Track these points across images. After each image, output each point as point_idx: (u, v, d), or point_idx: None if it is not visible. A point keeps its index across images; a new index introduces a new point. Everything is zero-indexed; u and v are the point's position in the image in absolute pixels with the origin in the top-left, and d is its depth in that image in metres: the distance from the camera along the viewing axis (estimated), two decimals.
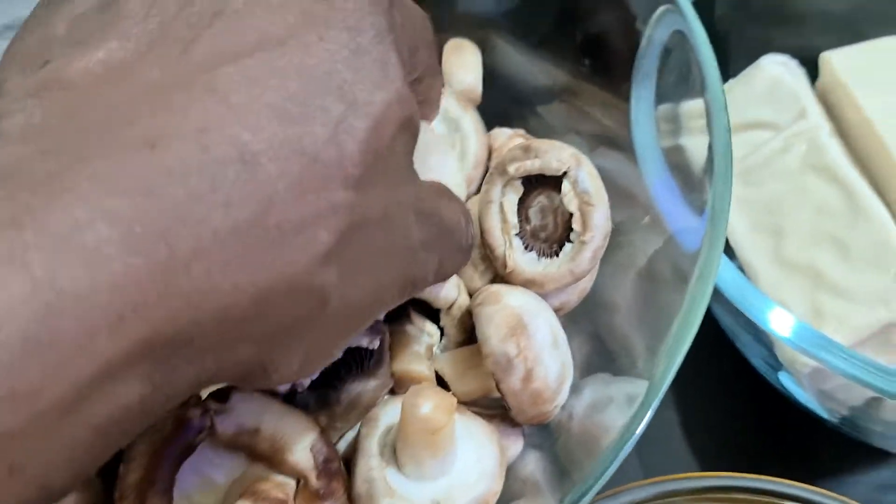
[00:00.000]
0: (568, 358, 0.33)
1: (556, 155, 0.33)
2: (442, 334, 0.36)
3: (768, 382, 0.42)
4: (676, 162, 0.39)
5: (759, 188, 0.40)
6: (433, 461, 0.29)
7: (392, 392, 0.35)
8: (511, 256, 0.34)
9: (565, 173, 0.33)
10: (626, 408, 0.32)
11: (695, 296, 0.30)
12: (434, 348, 0.36)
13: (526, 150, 0.34)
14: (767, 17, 0.47)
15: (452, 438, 0.30)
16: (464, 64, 0.43)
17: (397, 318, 0.36)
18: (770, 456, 0.45)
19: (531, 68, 0.45)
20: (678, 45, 0.39)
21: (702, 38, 0.36)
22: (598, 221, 0.33)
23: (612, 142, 0.41)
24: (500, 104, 0.44)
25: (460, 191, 0.36)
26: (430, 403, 0.29)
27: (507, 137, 0.41)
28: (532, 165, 0.34)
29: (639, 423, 0.28)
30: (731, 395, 0.47)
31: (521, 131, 0.42)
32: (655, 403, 0.28)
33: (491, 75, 0.44)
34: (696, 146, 0.41)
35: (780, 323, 0.35)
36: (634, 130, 0.39)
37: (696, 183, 0.39)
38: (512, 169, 0.34)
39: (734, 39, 0.41)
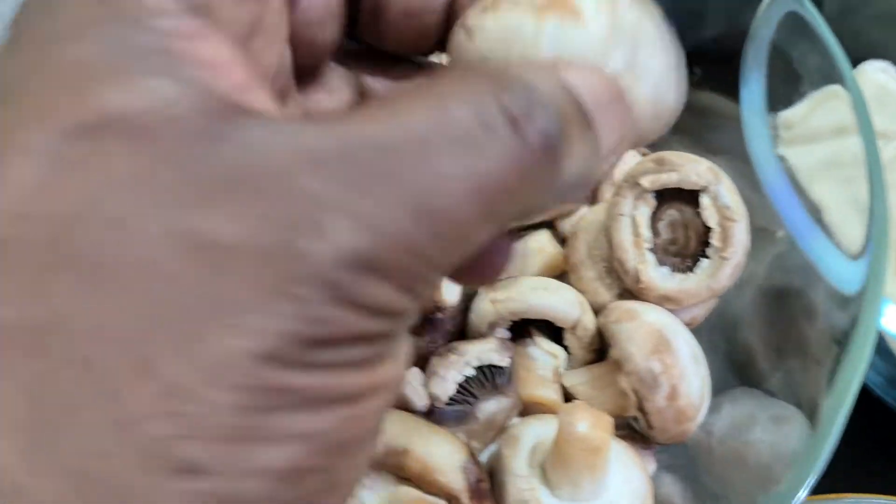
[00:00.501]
0: (707, 374, 0.33)
1: (694, 169, 0.33)
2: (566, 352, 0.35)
3: (883, 401, 0.41)
4: (785, 173, 0.38)
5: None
6: (590, 482, 0.29)
7: (520, 414, 0.34)
8: (644, 272, 0.33)
9: (704, 187, 0.33)
10: (773, 427, 0.32)
11: (861, 341, 0.29)
12: (559, 369, 0.35)
13: (659, 163, 0.33)
14: (870, 24, 0.46)
15: (609, 458, 0.29)
16: None
17: (520, 339, 0.35)
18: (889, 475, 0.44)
19: None
20: (785, 42, 0.38)
21: (821, 24, 0.35)
22: (740, 237, 0.32)
23: (710, 148, 0.41)
24: None
25: None
26: (587, 422, 0.28)
27: None
28: (668, 179, 0.33)
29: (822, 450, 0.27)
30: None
31: None
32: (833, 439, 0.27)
33: None
34: (793, 156, 0.40)
35: None
36: (749, 138, 0.38)
37: (800, 194, 0.39)
38: (646, 182, 0.33)
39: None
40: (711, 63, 0.42)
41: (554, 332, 0.35)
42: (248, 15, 0.17)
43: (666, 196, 0.34)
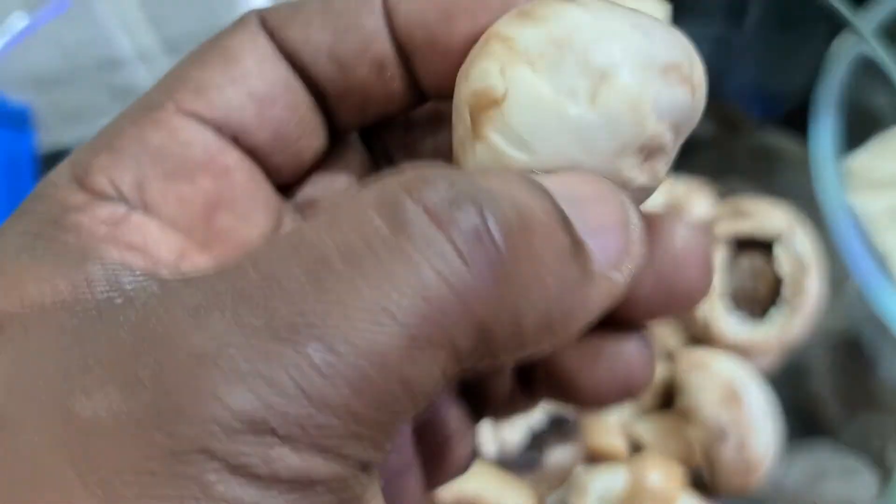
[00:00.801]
0: (777, 426, 0.32)
1: (769, 217, 0.32)
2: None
3: None
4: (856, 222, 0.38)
5: None
6: None
7: (586, 462, 0.34)
8: (715, 321, 0.33)
9: (777, 237, 0.33)
10: (844, 481, 0.32)
11: None
12: (626, 417, 0.35)
13: (735, 211, 0.33)
14: None
15: None
16: None
17: None
18: None
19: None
20: (854, 87, 0.38)
21: (892, 64, 0.35)
22: (812, 288, 0.32)
23: (777, 190, 0.41)
24: None
25: None
26: (659, 473, 0.29)
27: (687, 189, 0.40)
28: (742, 227, 0.33)
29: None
30: None
31: (698, 180, 0.41)
32: None
33: None
34: (860, 203, 0.40)
35: None
36: (819, 182, 0.38)
37: (874, 247, 0.38)
38: (721, 229, 0.33)
39: None
40: (785, 108, 0.42)
41: None
42: (198, 198, 0.16)
43: (738, 243, 0.34)
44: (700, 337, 0.34)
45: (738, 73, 0.43)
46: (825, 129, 0.39)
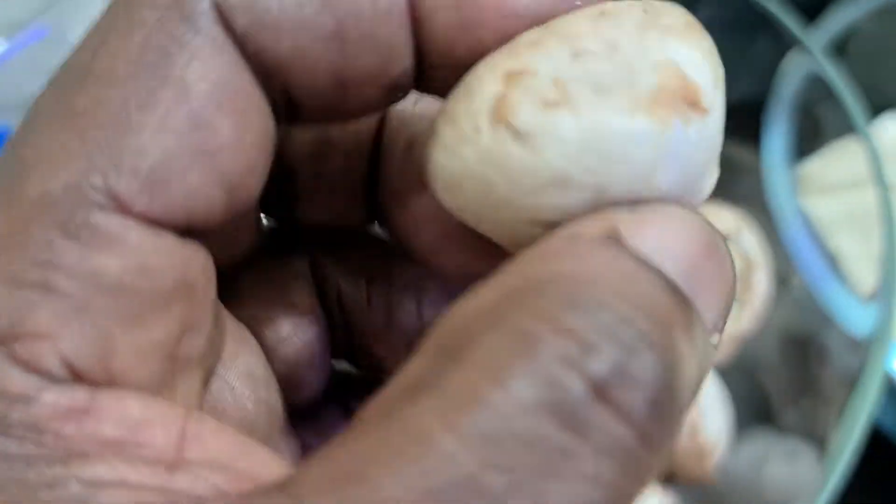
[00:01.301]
0: (728, 414, 0.34)
1: (718, 218, 0.34)
2: None
3: None
4: (805, 223, 0.40)
5: None
6: None
7: None
8: None
9: (726, 236, 0.34)
10: (786, 465, 0.33)
11: (866, 386, 0.30)
12: None
13: None
14: (882, 75, 0.48)
15: None
16: None
17: None
18: None
19: None
20: (805, 99, 0.40)
21: (841, 83, 0.37)
22: (761, 284, 0.34)
23: (731, 197, 0.43)
24: None
25: None
26: None
27: None
28: None
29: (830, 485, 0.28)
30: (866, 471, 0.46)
31: None
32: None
33: None
34: (813, 207, 0.42)
35: None
36: (770, 188, 0.40)
37: (823, 248, 0.40)
38: None
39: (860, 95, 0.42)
40: (735, 116, 0.44)
41: None
42: (169, 337, 0.11)
43: None
44: None
45: None
46: (776, 140, 0.41)
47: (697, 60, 0.12)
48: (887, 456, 0.42)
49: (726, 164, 0.40)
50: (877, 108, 0.46)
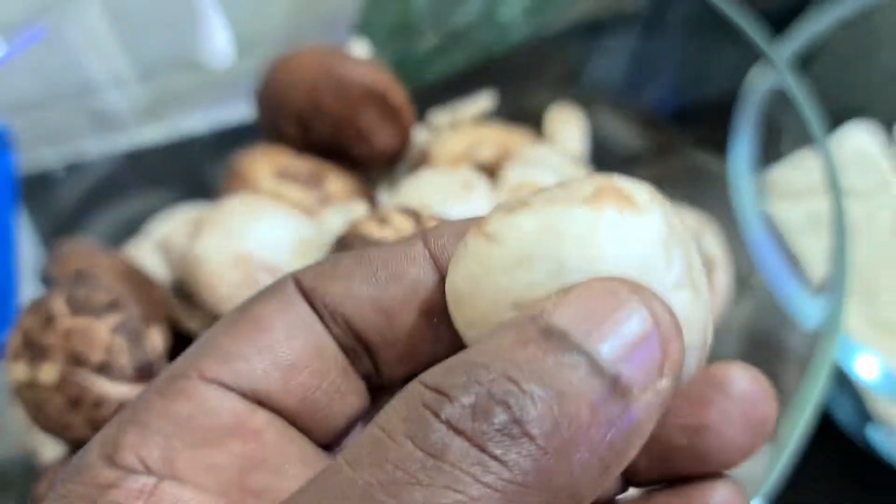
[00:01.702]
0: None
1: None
2: None
3: (853, 442, 0.44)
4: (766, 225, 0.42)
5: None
6: None
7: None
8: None
9: None
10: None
11: (815, 374, 0.32)
12: None
13: None
14: (853, 84, 0.50)
15: None
16: (569, 130, 0.46)
17: None
18: None
19: (629, 133, 0.48)
20: (773, 110, 0.42)
21: (803, 100, 0.39)
22: (720, 284, 0.36)
23: (700, 204, 0.44)
24: (598, 166, 0.47)
25: None
26: None
27: None
28: None
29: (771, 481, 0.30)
30: (815, 452, 0.48)
31: None
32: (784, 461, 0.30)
33: (592, 138, 0.47)
34: (780, 211, 0.44)
35: (875, 373, 0.37)
36: (735, 192, 0.42)
37: (784, 247, 0.42)
38: None
39: (822, 106, 0.44)
40: (707, 124, 0.46)
41: None
42: (230, 463, 0.16)
43: None
44: None
45: (657, 84, 0.47)
46: (742, 148, 0.43)
47: (631, 183, 0.16)
48: (838, 446, 0.44)
49: (696, 169, 0.42)
50: (841, 117, 0.48)
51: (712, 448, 0.17)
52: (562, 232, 0.15)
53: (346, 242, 0.35)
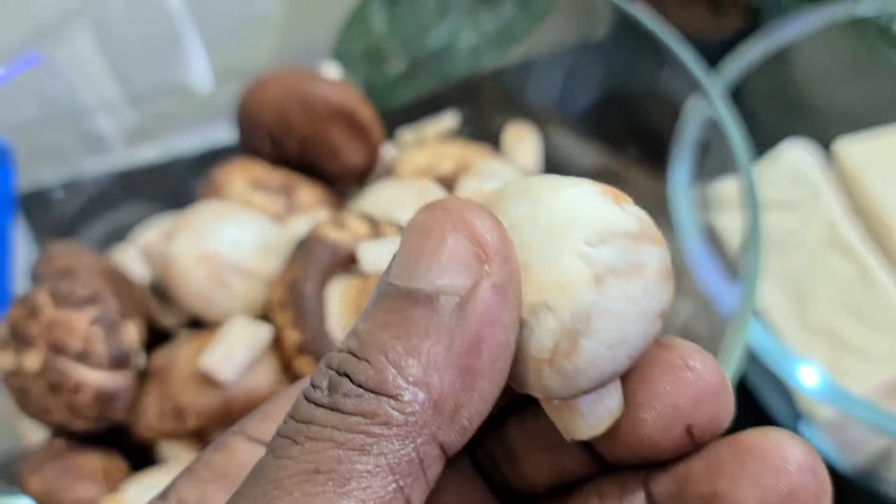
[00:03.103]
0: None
1: None
2: None
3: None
4: (709, 237, 0.45)
5: (784, 260, 0.46)
6: None
7: None
8: None
9: None
10: None
11: (730, 349, 0.35)
12: None
13: None
14: (788, 108, 0.54)
15: None
16: (524, 146, 0.49)
17: None
18: None
19: (580, 151, 0.52)
20: (710, 133, 0.45)
21: (732, 127, 0.43)
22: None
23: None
24: None
25: None
26: None
27: None
28: None
29: None
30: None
31: None
32: None
33: (545, 156, 0.51)
34: (723, 223, 0.47)
35: (807, 377, 0.40)
36: (674, 208, 0.45)
37: (727, 256, 0.45)
38: None
39: (758, 127, 0.47)
40: (649, 146, 0.49)
41: None
42: None
43: None
44: None
45: (603, 106, 0.51)
46: (681, 170, 0.46)
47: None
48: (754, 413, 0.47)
49: (640, 187, 0.45)
50: (776, 139, 0.52)
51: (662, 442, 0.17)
52: (544, 196, 0.16)
53: (306, 244, 0.38)
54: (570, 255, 0.16)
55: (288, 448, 0.15)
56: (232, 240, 0.39)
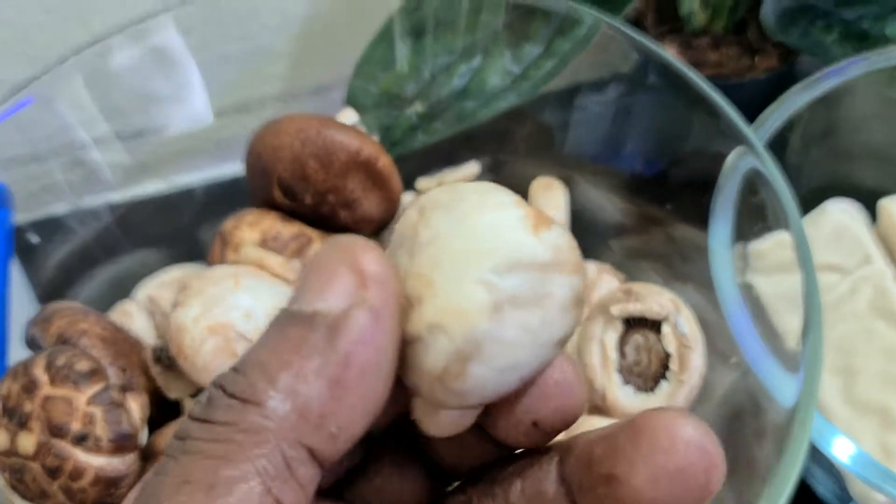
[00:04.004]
0: None
1: (657, 300, 0.37)
2: None
3: None
4: (747, 298, 0.42)
5: (831, 329, 0.44)
6: None
7: None
8: (611, 391, 0.37)
9: (665, 317, 0.37)
10: None
11: (792, 452, 0.32)
12: None
13: (627, 294, 0.37)
14: (831, 156, 0.51)
15: None
16: (552, 201, 0.47)
17: None
18: None
19: (608, 205, 0.49)
20: (751, 187, 0.42)
21: (779, 179, 0.40)
22: (696, 363, 0.36)
23: (681, 275, 0.45)
24: (579, 236, 0.47)
25: None
26: None
27: (596, 272, 0.44)
28: (634, 308, 0.37)
29: None
30: None
31: (608, 266, 0.45)
32: None
33: (572, 207, 0.48)
34: (762, 284, 0.44)
35: (853, 458, 0.38)
36: (714, 268, 0.42)
37: (765, 320, 0.43)
38: (615, 310, 0.37)
39: (798, 179, 0.45)
40: (684, 197, 0.46)
41: None
42: None
43: (633, 322, 0.38)
44: (599, 406, 0.38)
45: (636, 155, 0.48)
46: (721, 227, 0.43)
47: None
48: (803, 496, 0.44)
49: (677, 241, 0.42)
50: (821, 193, 0.49)
51: (624, 498, 0.17)
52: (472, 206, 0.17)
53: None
54: (473, 283, 0.16)
55: (166, 464, 0.16)
56: (245, 310, 0.36)
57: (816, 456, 0.42)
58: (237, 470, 0.15)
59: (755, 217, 0.43)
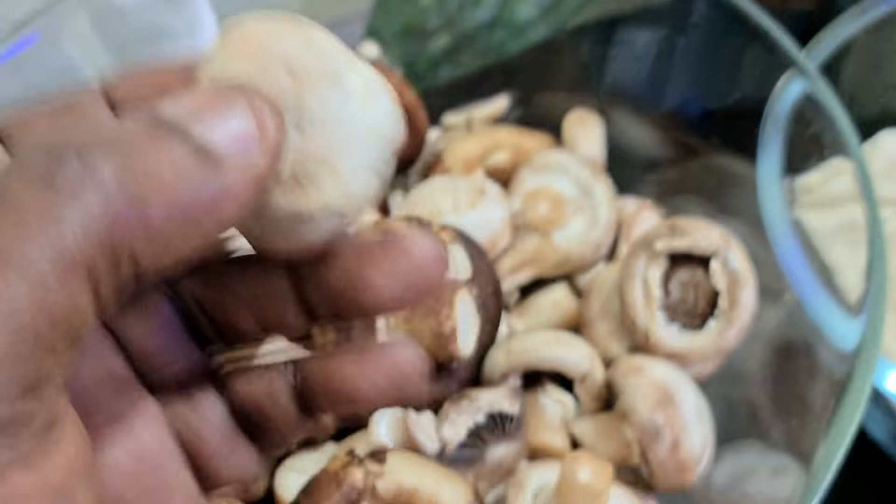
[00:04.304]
0: (710, 428, 0.34)
1: (706, 234, 0.34)
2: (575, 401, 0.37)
3: (889, 458, 0.42)
4: (795, 233, 0.40)
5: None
6: None
7: (529, 459, 0.35)
8: (654, 331, 0.35)
9: (713, 253, 0.34)
10: (771, 480, 0.33)
11: (856, 395, 0.30)
12: (568, 417, 0.36)
13: (672, 229, 0.35)
14: (881, 91, 0.48)
15: None
16: (588, 135, 0.44)
17: (532, 386, 0.37)
18: None
19: (647, 138, 0.46)
20: (799, 118, 0.40)
21: (835, 104, 0.37)
22: (747, 300, 0.34)
23: (724, 209, 0.42)
24: (616, 171, 0.45)
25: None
26: (589, 471, 0.30)
27: (636, 207, 0.42)
28: (680, 244, 0.34)
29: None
30: (851, 475, 0.46)
31: (648, 201, 0.43)
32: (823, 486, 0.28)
33: (609, 142, 0.45)
34: (811, 219, 0.41)
35: None
36: (763, 201, 0.40)
37: (815, 257, 0.40)
38: (659, 246, 0.35)
39: (851, 113, 0.42)
40: (732, 128, 0.44)
41: (565, 379, 0.37)
42: None
43: (678, 258, 0.36)
44: (641, 346, 0.35)
45: (678, 86, 0.45)
46: (771, 157, 0.40)
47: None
48: (875, 463, 0.41)
49: (720, 174, 0.40)
50: (870, 123, 0.46)
51: (368, 299, 0.19)
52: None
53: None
54: (369, 172, 0.18)
55: None
56: None
57: (874, 397, 0.39)
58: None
59: (805, 148, 0.41)
